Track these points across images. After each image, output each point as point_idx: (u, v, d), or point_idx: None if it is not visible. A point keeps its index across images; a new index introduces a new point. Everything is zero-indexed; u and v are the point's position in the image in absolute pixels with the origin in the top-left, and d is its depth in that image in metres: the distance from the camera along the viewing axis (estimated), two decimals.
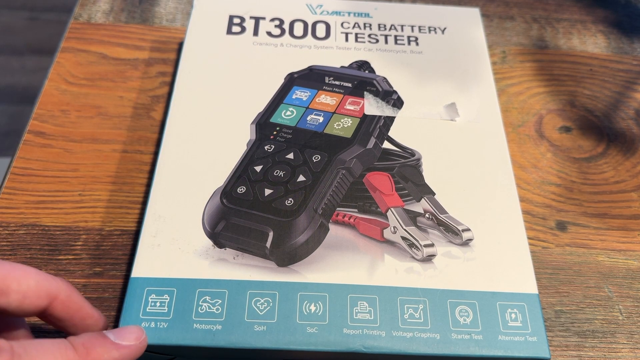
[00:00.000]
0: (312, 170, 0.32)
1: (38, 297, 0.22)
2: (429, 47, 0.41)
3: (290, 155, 0.33)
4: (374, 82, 0.37)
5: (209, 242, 0.30)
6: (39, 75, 1.20)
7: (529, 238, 0.34)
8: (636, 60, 0.46)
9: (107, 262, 0.32)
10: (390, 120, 0.36)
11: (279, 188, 0.32)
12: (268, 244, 0.30)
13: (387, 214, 0.31)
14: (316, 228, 0.30)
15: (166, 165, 0.33)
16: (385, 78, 0.38)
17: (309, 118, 0.35)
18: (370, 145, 0.34)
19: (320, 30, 0.41)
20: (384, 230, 0.31)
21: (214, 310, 0.28)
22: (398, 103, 0.37)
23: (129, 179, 0.36)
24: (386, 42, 0.41)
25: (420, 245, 0.30)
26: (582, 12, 0.49)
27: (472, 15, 0.43)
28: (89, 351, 0.21)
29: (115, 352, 0.22)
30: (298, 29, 0.41)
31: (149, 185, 0.35)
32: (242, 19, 0.41)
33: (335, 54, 0.40)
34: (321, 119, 0.35)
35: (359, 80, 0.37)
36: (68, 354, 0.21)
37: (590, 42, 0.47)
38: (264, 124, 0.35)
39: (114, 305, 0.31)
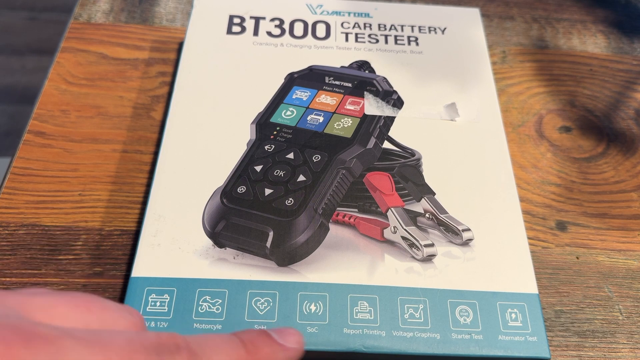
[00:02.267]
0: (312, 170, 0.32)
1: None
2: (429, 47, 0.41)
3: (291, 155, 0.33)
4: (374, 82, 0.37)
5: (209, 242, 0.30)
6: (39, 75, 1.20)
7: (529, 238, 0.34)
8: (636, 60, 0.46)
9: (107, 262, 0.32)
10: (390, 120, 0.36)
11: (279, 188, 0.32)
12: (268, 244, 0.30)
13: (387, 213, 0.31)
14: (316, 228, 0.30)
15: (166, 165, 0.33)
16: (385, 78, 0.38)
17: (309, 118, 0.35)
18: (370, 145, 0.34)
19: (320, 30, 0.41)
20: (384, 230, 0.31)
21: (214, 310, 0.28)
22: (398, 103, 0.37)
23: (129, 179, 0.36)
24: (386, 42, 0.41)
25: (421, 245, 0.30)
26: (582, 12, 0.49)
27: (472, 16, 0.43)
28: (257, 349, 0.21)
29: (281, 354, 0.21)
30: (298, 29, 0.41)
31: (149, 185, 0.35)
32: (242, 19, 0.41)
33: (335, 54, 0.40)
34: (321, 118, 0.35)
35: (359, 80, 0.37)
36: (239, 352, 0.20)
37: (590, 42, 0.47)
38: (264, 123, 0.35)
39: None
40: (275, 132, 0.34)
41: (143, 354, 0.17)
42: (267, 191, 0.32)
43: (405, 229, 0.31)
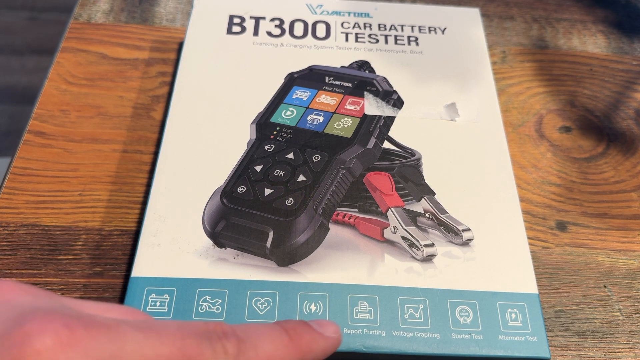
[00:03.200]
0: (312, 170, 0.32)
1: None
2: (429, 47, 0.41)
3: (291, 155, 0.33)
4: (374, 82, 0.37)
5: (209, 242, 0.30)
6: (39, 75, 1.20)
7: (529, 238, 0.34)
8: (636, 60, 0.46)
9: (107, 262, 0.32)
10: (390, 120, 0.36)
11: (279, 188, 0.32)
12: (268, 244, 0.30)
13: (387, 213, 0.31)
14: (316, 228, 0.30)
15: (166, 165, 0.33)
16: (385, 78, 0.38)
17: (309, 118, 0.35)
18: (370, 145, 0.34)
19: (321, 30, 0.41)
20: (384, 230, 0.31)
21: (214, 310, 0.28)
22: (398, 103, 0.37)
23: (129, 179, 0.36)
24: (386, 42, 0.41)
25: (421, 245, 0.30)
26: (582, 12, 0.49)
27: (472, 16, 0.43)
28: (299, 337, 0.21)
29: (321, 342, 0.22)
30: (298, 29, 0.41)
31: (149, 185, 0.35)
32: (242, 19, 0.41)
33: (335, 54, 0.40)
34: (321, 118, 0.35)
35: (359, 80, 0.37)
36: (283, 338, 0.21)
37: (590, 42, 0.47)
38: (264, 123, 0.35)
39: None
40: (275, 132, 0.34)
41: (195, 338, 0.18)
42: (267, 191, 0.32)
43: (405, 229, 0.31)
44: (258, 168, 0.33)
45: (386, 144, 0.34)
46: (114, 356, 0.17)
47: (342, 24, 0.42)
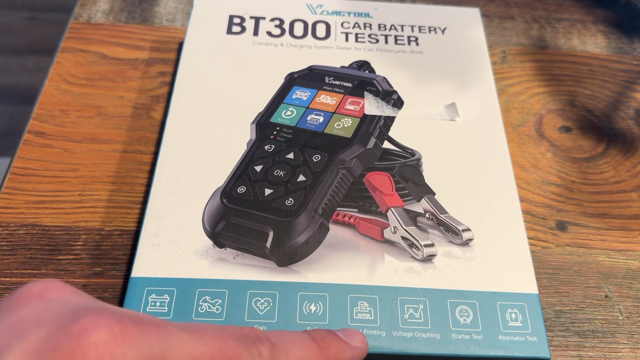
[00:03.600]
0: (312, 170, 0.32)
1: None
2: (429, 47, 0.41)
3: (291, 155, 0.33)
4: (374, 82, 0.37)
5: (209, 242, 0.30)
6: (39, 75, 1.20)
7: (529, 238, 0.34)
8: (636, 60, 0.46)
9: (107, 262, 0.32)
10: (390, 120, 0.36)
11: (279, 188, 0.32)
12: (268, 244, 0.30)
13: (387, 214, 0.31)
14: (316, 228, 0.30)
15: (166, 165, 0.33)
16: (385, 78, 0.38)
17: (309, 118, 0.35)
18: (371, 145, 0.34)
19: (321, 30, 0.41)
20: (384, 230, 0.31)
21: (214, 310, 0.28)
22: (398, 103, 0.37)
23: (129, 179, 0.36)
24: (386, 42, 0.41)
25: (421, 245, 0.30)
26: (582, 12, 0.49)
27: (472, 15, 0.43)
28: (328, 346, 0.22)
29: (348, 352, 0.23)
30: (298, 28, 0.41)
31: (149, 185, 0.35)
32: (242, 19, 0.41)
33: (335, 54, 0.40)
34: (321, 118, 0.35)
35: (359, 80, 0.37)
36: (312, 347, 0.22)
37: (590, 42, 0.47)
38: (264, 123, 0.35)
39: (114, 305, 0.31)
40: (275, 132, 0.34)
41: (234, 341, 0.19)
42: (267, 191, 0.32)
43: (405, 229, 0.31)
44: (258, 168, 0.33)
45: (386, 144, 0.34)
46: (162, 352, 0.18)
47: (342, 24, 0.42)
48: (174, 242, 0.30)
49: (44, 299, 0.19)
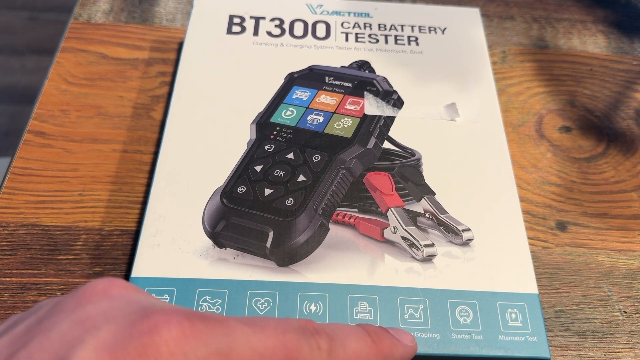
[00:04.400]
0: (312, 170, 0.32)
1: None
2: (429, 47, 0.41)
3: (291, 155, 0.33)
4: (374, 82, 0.37)
5: (209, 242, 0.30)
6: (39, 75, 1.20)
7: (529, 238, 0.34)
8: (636, 60, 0.46)
9: (107, 262, 0.32)
10: (390, 120, 0.36)
11: (279, 188, 0.32)
12: (268, 244, 0.30)
13: (387, 214, 0.31)
14: (316, 228, 0.30)
15: (166, 165, 0.33)
16: (385, 78, 0.38)
17: (309, 118, 0.35)
18: (371, 145, 0.34)
19: (321, 30, 0.41)
20: (384, 230, 0.31)
21: (214, 310, 0.28)
22: (398, 103, 0.37)
23: (129, 179, 0.36)
24: (386, 42, 0.41)
25: (421, 245, 0.30)
26: (582, 12, 0.49)
27: (472, 15, 0.43)
28: (381, 340, 0.22)
29: (400, 348, 0.23)
30: (298, 28, 0.41)
31: (149, 185, 0.35)
32: (242, 19, 0.41)
33: (335, 54, 0.40)
34: (321, 118, 0.35)
35: (359, 80, 0.37)
36: (367, 340, 0.22)
37: (590, 42, 0.47)
38: (264, 123, 0.35)
39: None
40: (275, 132, 0.34)
41: (293, 333, 0.20)
42: (267, 191, 0.32)
43: (405, 229, 0.31)
44: (258, 168, 0.33)
45: (386, 144, 0.34)
46: (228, 347, 0.18)
47: (342, 24, 0.42)
48: (174, 242, 0.30)
49: (108, 296, 0.19)
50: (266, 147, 0.34)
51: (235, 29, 0.41)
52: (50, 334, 0.17)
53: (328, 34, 0.41)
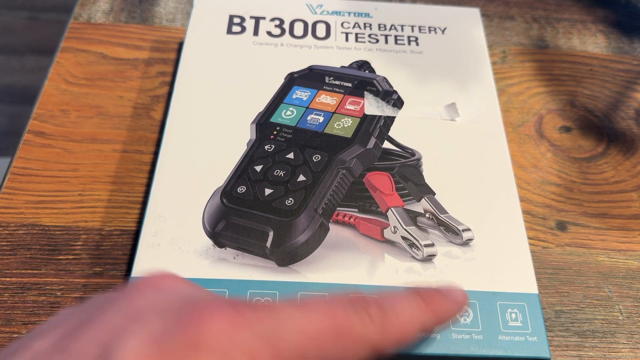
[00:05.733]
0: (312, 170, 0.32)
1: None
2: (429, 47, 0.41)
3: (291, 155, 0.33)
4: (374, 82, 0.37)
5: (209, 242, 0.30)
6: (39, 75, 1.20)
7: (529, 238, 0.34)
8: (636, 60, 0.46)
9: (107, 262, 0.32)
10: (390, 120, 0.36)
11: (279, 188, 0.32)
12: (268, 244, 0.30)
13: (388, 213, 0.31)
14: (316, 228, 0.30)
15: (166, 165, 0.33)
16: (385, 78, 0.38)
17: (309, 118, 0.35)
18: (371, 145, 0.34)
19: (321, 30, 0.41)
20: (384, 230, 0.31)
21: None
22: (398, 103, 0.37)
23: (129, 179, 0.36)
24: (386, 42, 0.41)
25: (421, 245, 0.30)
26: (582, 12, 0.49)
27: (472, 15, 0.43)
28: (433, 300, 0.23)
29: (452, 306, 0.24)
30: (298, 28, 0.41)
31: (149, 185, 0.35)
32: (242, 19, 0.41)
33: (336, 54, 0.40)
34: (321, 118, 0.35)
35: (359, 80, 0.37)
36: (419, 301, 0.22)
37: (590, 42, 0.47)
38: (264, 123, 0.35)
39: None
40: (275, 132, 0.34)
41: (341, 307, 0.20)
42: (267, 191, 0.32)
43: (405, 229, 0.31)
44: (258, 168, 0.33)
45: (386, 144, 0.34)
46: (276, 332, 0.18)
47: (342, 24, 0.42)
48: (174, 242, 0.30)
49: (160, 289, 0.20)
50: (266, 147, 0.34)
51: (235, 29, 0.41)
52: (101, 325, 0.18)
53: (328, 34, 0.41)
